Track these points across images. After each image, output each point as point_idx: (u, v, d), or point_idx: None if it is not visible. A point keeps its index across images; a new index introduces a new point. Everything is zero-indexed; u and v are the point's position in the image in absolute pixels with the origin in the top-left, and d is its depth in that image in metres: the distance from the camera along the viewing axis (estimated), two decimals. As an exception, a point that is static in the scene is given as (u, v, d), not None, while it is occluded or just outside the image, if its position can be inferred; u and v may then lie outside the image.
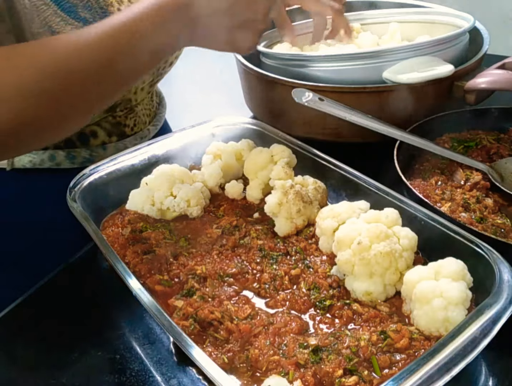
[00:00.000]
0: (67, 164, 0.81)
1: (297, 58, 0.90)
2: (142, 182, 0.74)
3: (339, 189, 0.71)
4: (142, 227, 0.69)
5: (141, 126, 0.90)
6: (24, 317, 0.64)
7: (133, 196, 0.72)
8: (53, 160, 0.79)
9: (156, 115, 0.96)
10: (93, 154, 0.82)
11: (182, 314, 0.55)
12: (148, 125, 0.92)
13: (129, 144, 0.86)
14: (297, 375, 0.49)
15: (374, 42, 1.00)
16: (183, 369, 0.55)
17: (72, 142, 0.81)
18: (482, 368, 0.54)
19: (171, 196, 0.71)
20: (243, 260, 0.64)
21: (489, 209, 0.68)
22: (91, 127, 0.82)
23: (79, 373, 0.55)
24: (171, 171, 0.74)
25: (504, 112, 0.86)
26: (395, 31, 1.00)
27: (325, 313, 0.57)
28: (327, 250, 0.64)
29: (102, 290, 0.67)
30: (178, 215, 0.72)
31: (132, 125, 0.88)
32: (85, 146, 0.82)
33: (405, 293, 0.56)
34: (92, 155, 0.82)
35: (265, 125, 0.82)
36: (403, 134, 0.76)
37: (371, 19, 1.09)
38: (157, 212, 0.71)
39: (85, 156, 0.81)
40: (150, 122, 0.93)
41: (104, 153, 0.83)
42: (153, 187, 0.72)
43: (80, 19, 0.70)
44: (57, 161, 0.80)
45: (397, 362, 0.50)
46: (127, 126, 0.87)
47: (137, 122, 0.89)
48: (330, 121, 0.81)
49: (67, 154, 0.80)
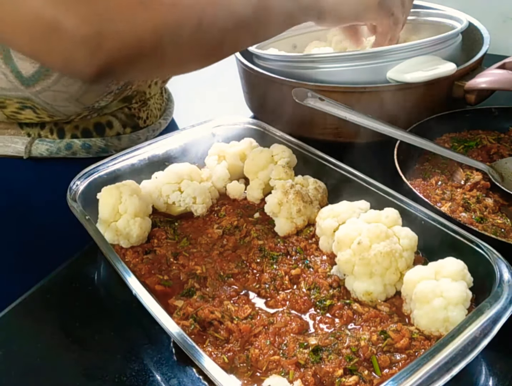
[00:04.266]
0: (83, 153, 0.82)
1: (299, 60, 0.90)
2: (153, 176, 0.76)
3: (339, 189, 0.71)
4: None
5: (153, 120, 0.93)
6: (24, 317, 0.64)
7: (144, 187, 0.73)
8: (69, 149, 0.81)
9: (166, 110, 0.99)
10: (108, 144, 0.84)
11: (182, 314, 0.55)
12: (159, 119, 0.96)
13: (141, 136, 0.89)
14: (297, 375, 0.49)
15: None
16: (183, 369, 0.55)
17: (89, 132, 0.83)
18: (482, 368, 0.54)
19: (179, 191, 0.73)
20: (244, 260, 0.64)
21: (489, 209, 0.68)
22: (108, 117, 0.84)
23: (79, 373, 0.55)
24: (182, 168, 0.76)
25: (504, 112, 0.86)
26: None
27: (325, 313, 0.57)
28: (327, 250, 0.64)
29: (102, 290, 0.67)
30: (183, 211, 0.73)
31: (145, 118, 0.91)
32: (101, 136, 0.84)
33: (405, 293, 0.56)
34: (107, 145, 0.84)
35: (265, 125, 0.82)
36: (403, 134, 0.76)
37: None
38: (163, 206, 0.73)
39: (101, 146, 0.83)
40: (161, 116, 0.97)
41: (119, 143, 0.85)
42: (163, 180, 0.74)
43: None
44: (73, 150, 0.81)
45: (397, 362, 0.50)
46: (141, 118, 0.90)
47: (149, 116, 0.92)
48: (330, 121, 0.81)
49: (83, 144, 0.82)
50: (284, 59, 0.92)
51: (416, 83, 0.81)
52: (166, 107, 1.00)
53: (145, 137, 0.90)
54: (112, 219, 0.67)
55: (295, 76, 0.86)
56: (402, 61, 0.83)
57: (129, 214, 0.66)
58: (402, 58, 0.83)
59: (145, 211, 0.69)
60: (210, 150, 0.81)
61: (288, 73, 0.88)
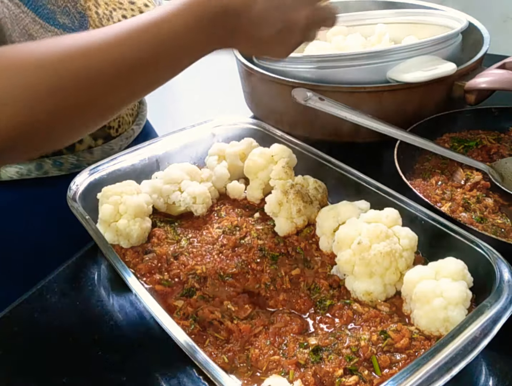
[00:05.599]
0: (55, 171, 0.79)
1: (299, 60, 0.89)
2: (153, 176, 0.75)
3: (339, 189, 0.71)
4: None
5: (125, 127, 0.89)
6: (24, 317, 0.64)
7: (144, 187, 0.73)
8: (40, 169, 0.77)
9: (138, 114, 0.95)
10: (80, 159, 0.80)
11: (182, 313, 0.56)
12: (132, 125, 0.91)
13: (115, 145, 0.85)
14: (297, 374, 0.49)
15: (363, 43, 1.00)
16: (183, 369, 0.55)
17: (58, 149, 0.79)
18: (482, 368, 0.54)
19: (179, 191, 0.73)
20: (244, 260, 0.64)
21: (489, 209, 0.68)
22: None
23: (79, 373, 0.55)
24: (182, 168, 0.76)
25: (504, 112, 0.86)
26: (382, 32, 1.00)
27: (325, 312, 0.57)
28: (327, 250, 0.64)
29: (102, 290, 0.67)
30: (183, 211, 0.73)
31: (117, 127, 0.86)
32: (71, 152, 0.80)
33: (405, 293, 0.56)
34: (79, 160, 0.80)
35: (265, 125, 0.82)
36: (403, 134, 0.76)
37: (358, 21, 1.09)
38: (163, 206, 0.73)
39: (72, 162, 0.80)
40: (133, 121, 0.92)
41: (91, 157, 0.81)
42: (163, 180, 0.74)
43: (60, 25, 0.69)
44: (44, 170, 0.78)
45: (397, 361, 0.50)
46: (112, 128, 0.85)
47: (122, 123, 0.88)
48: (330, 121, 0.81)
49: (53, 162, 0.78)
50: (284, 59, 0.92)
51: (416, 83, 0.81)
52: (139, 111, 0.95)
53: (118, 146, 0.85)
54: (112, 219, 0.67)
55: (295, 76, 0.86)
56: (402, 61, 0.83)
57: (129, 214, 0.66)
58: (403, 58, 0.83)
59: (145, 211, 0.69)
60: (210, 150, 0.81)
61: (288, 73, 0.88)
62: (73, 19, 0.71)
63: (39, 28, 0.67)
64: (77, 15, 0.71)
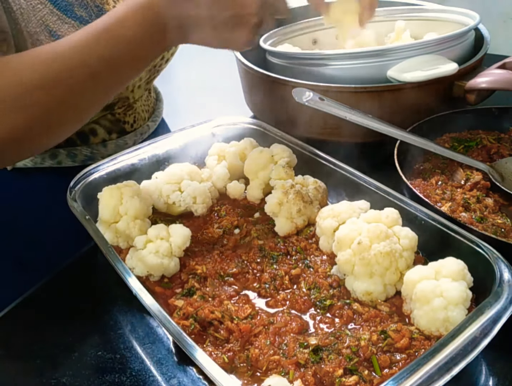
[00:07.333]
0: (68, 162, 0.81)
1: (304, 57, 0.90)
2: (153, 176, 0.75)
3: (339, 189, 0.71)
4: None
5: (140, 122, 0.91)
6: (24, 317, 0.64)
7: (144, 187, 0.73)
8: (54, 159, 0.79)
9: (154, 110, 0.97)
10: (94, 152, 0.82)
11: (182, 313, 0.56)
12: (148, 121, 0.93)
13: (129, 140, 0.87)
14: (297, 374, 0.49)
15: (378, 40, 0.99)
16: (183, 369, 0.55)
17: (73, 141, 0.81)
18: (482, 368, 0.54)
19: (179, 191, 0.73)
20: (244, 260, 0.64)
21: (489, 209, 0.68)
22: (90, 125, 0.82)
23: (80, 373, 0.55)
24: (182, 168, 0.76)
25: (504, 112, 0.86)
26: (402, 29, 0.99)
27: (325, 312, 0.57)
28: (327, 250, 0.64)
29: (102, 290, 0.67)
30: (183, 211, 0.73)
31: (132, 122, 0.88)
32: (86, 144, 0.82)
33: (405, 293, 0.56)
34: (93, 153, 0.82)
35: (265, 125, 0.82)
36: (403, 134, 0.76)
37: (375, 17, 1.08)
38: (163, 206, 0.73)
39: (86, 154, 0.82)
40: (149, 118, 0.94)
41: (105, 150, 0.83)
42: (163, 180, 0.74)
43: (77, 17, 0.70)
44: (58, 160, 0.80)
45: (397, 361, 0.50)
46: (127, 122, 0.87)
47: (137, 119, 0.89)
48: (330, 121, 0.81)
49: (68, 153, 0.80)
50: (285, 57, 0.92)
51: (416, 83, 0.80)
52: (155, 108, 0.97)
53: (132, 141, 0.87)
54: (113, 220, 0.67)
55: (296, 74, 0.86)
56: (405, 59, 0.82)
57: (129, 216, 0.66)
58: (406, 56, 0.83)
59: (145, 213, 0.69)
60: (210, 150, 0.81)
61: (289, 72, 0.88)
62: (91, 12, 0.71)
63: (57, 20, 0.67)
64: (94, 9, 0.72)
